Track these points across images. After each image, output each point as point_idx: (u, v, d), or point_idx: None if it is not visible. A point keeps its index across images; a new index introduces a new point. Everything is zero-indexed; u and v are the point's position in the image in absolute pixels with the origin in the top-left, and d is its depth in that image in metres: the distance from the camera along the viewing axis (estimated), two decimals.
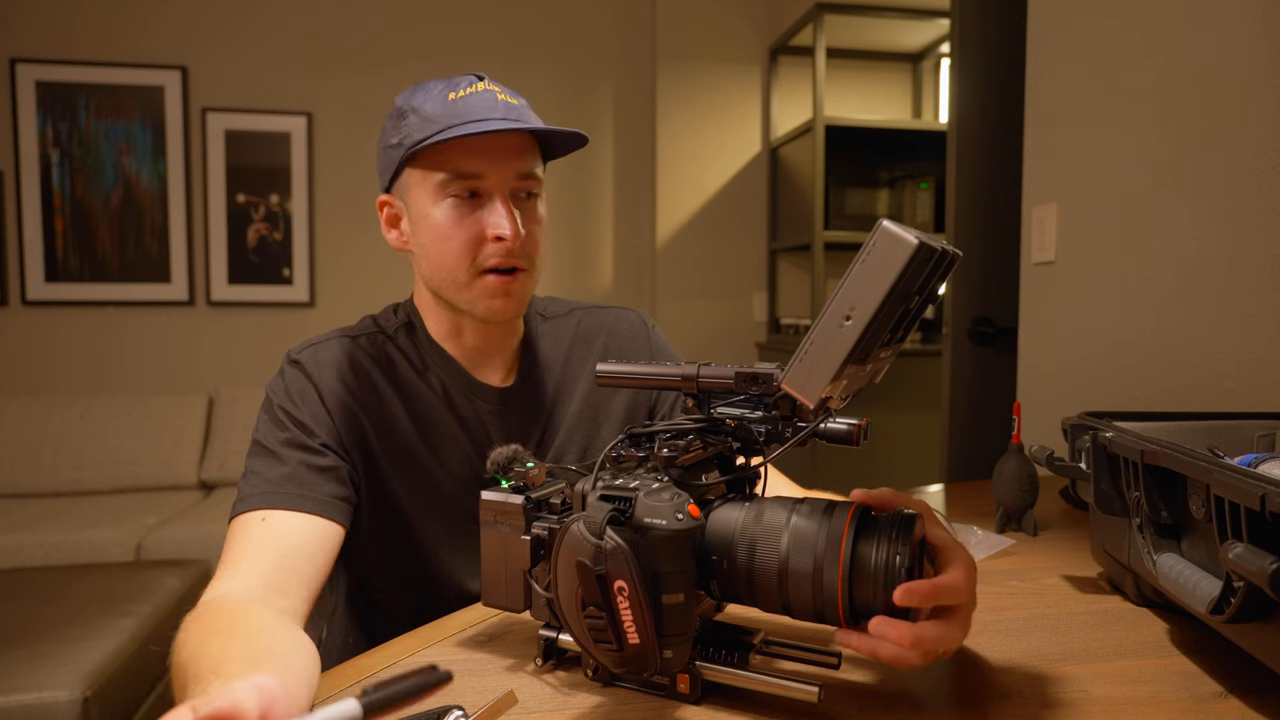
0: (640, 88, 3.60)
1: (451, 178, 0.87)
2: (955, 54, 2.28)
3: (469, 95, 0.88)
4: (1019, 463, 1.07)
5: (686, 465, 0.61)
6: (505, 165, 0.88)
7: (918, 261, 0.52)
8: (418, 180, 0.90)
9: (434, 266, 0.91)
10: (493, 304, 0.90)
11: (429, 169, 0.88)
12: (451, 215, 0.88)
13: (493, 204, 0.88)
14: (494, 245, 0.88)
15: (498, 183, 0.88)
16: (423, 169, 0.89)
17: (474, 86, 0.89)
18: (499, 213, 0.88)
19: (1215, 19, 1.34)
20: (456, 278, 0.90)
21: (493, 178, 0.88)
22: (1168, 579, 0.70)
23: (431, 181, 0.88)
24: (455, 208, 0.88)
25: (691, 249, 3.52)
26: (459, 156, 0.87)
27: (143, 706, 1.88)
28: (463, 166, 0.87)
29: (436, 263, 0.90)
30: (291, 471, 0.84)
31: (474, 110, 0.86)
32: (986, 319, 2.25)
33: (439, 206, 0.88)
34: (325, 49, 3.38)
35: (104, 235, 3.27)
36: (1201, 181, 1.38)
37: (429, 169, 0.88)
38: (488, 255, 0.89)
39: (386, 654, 0.72)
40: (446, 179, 0.87)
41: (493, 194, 0.88)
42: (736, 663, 0.62)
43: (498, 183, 0.88)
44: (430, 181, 0.88)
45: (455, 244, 0.88)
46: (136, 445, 3.11)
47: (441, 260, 0.90)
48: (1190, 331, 1.39)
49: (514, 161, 0.89)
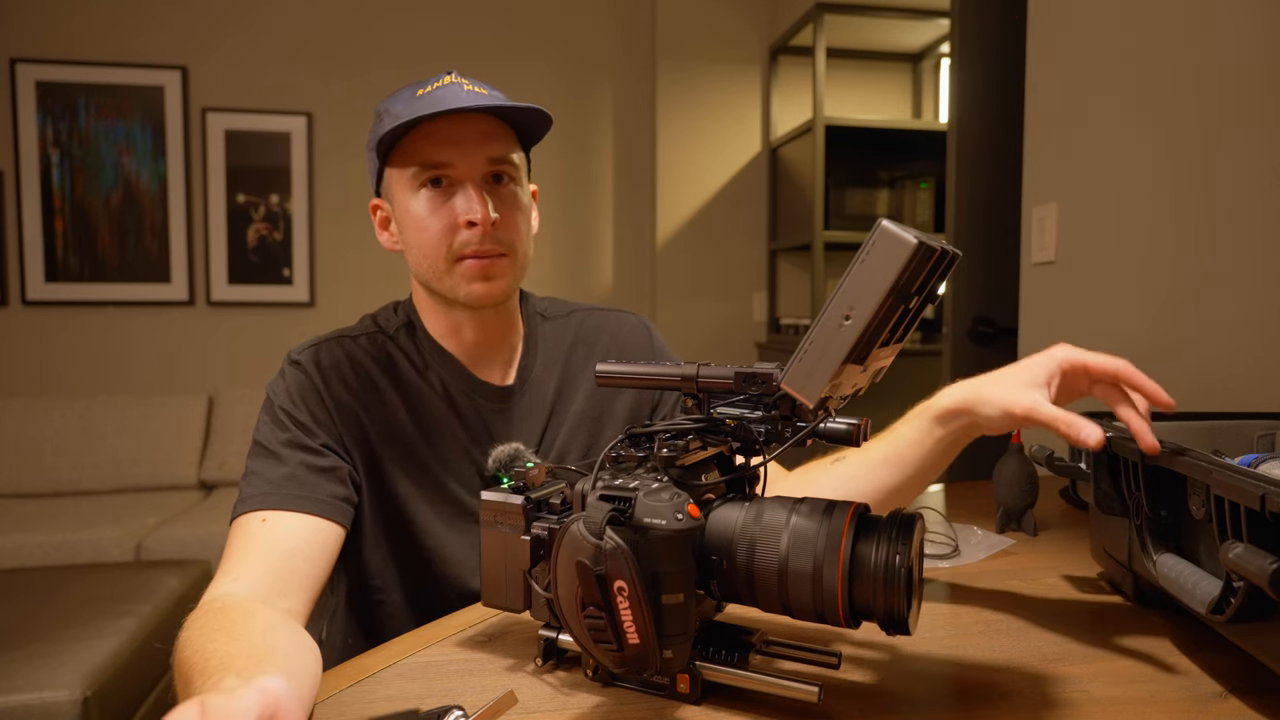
0: (640, 88, 3.60)
1: (421, 169, 0.89)
2: (955, 54, 2.28)
3: (435, 89, 0.90)
4: (1019, 463, 1.07)
5: (686, 465, 0.61)
6: (473, 151, 0.89)
7: (917, 261, 0.52)
8: (395, 178, 0.92)
9: (417, 258, 0.92)
10: (473, 288, 0.91)
11: (403, 165, 0.90)
12: (426, 206, 0.90)
13: (464, 190, 0.90)
14: (467, 231, 0.89)
15: (467, 170, 0.90)
16: (398, 166, 0.91)
17: (441, 81, 0.91)
18: (470, 198, 0.89)
19: (1215, 19, 1.34)
20: (437, 266, 0.91)
21: (461, 165, 0.89)
22: (1168, 579, 0.70)
23: (406, 176, 0.90)
24: (429, 198, 0.90)
25: (691, 249, 3.52)
26: (427, 147, 0.89)
27: (143, 706, 1.88)
28: (431, 156, 0.89)
29: (418, 254, 0.92)
30: (292, 472, 0.84)
31: (440, 101, 0.87)
32: (986, 319, 2.25)
33: (415, 199, 0.90)
34: (325, 49, 3.38)
35: (104, 235, 3.27)
36: (1202, 181, 1.38)
37: (403, 165, 0.90)
38: (463, 242, 0.90)
39: (387, 654, 0.72)
40: (417, 170, 0.89)
41: (463, 181, 0.90)
42: (736, 663, 0.62)
43: (467, 170, 0.90)
44: (405, 176, 0.90)
45: (431, 233, 0.90)
46: (136, 445, 3.11)
47: (421, 250, 0.91)
48: (1190, 331, 1.39)
49: (482, 147, 0.90)
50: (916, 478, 0.83)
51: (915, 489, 0.84)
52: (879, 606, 0.55)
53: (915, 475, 0.83)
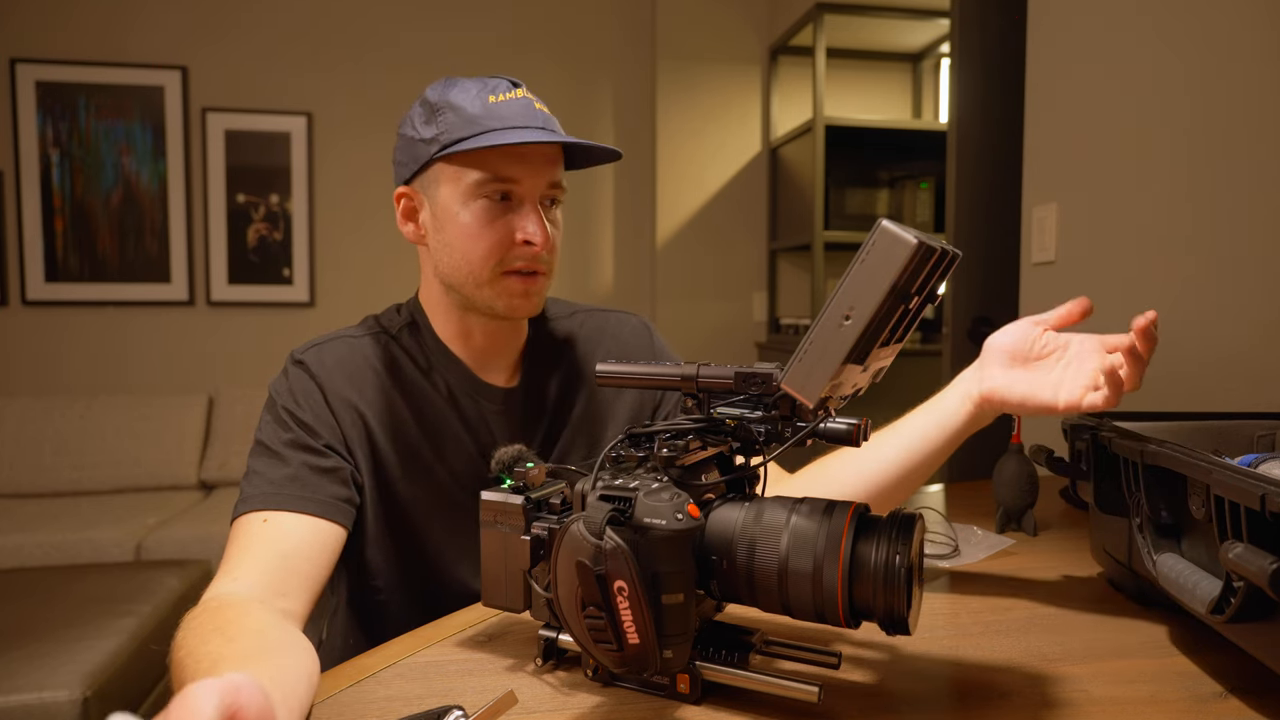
0: (640, 87, 3.60)
1: (488, 179, 0.88)
2: (955, 54, 2.28)
3: (509, 100, 0.89)
4: (1019, 463, 1.07)
5: (686, 465, 0.61)
6: (540, 173, 0.90)
7: (917, 261, 0.52)
8: (450, 177, 0.90)
9: (456, 262, 0.91)
10: (514, 302, 0.92)
11: (464, 167, 0.88)
12: (482, 216, 0.89)
13: (524, 209, 0.90)
14: (522, 249, 0.90)
15: (530, 189, 0.90)
16: (457, 166, 0.89)
17: (513, 92, 0.90)
18: (530, 218, 0.89)
19: (1215, 18, 1.34)
20: (479, 275, 0.90)
21: (527, 183, 0.89)
22: (1168, 579, 0.70)
23: (466, 180, 0.88)
24: (487, 209, 0.89)
25: (691, 249, 3.52)
26: (498, 160, 0.88)
27: (143, 706, 1.88)
28: (501, 170, 0.88)
29: (460, 259, 0.91)
30: (294, 472, 0.84)
31: (515, 116, 0.88)
32: (986, 319, 2.25)
33: (470, 205, 0.89)
34: (325, 49, 3.38)
35: (104, 235, 3.27)
36: (1202, 181, 1.38)
37: (464, 167, 0.88)
38: (514, 258, 0.90)
39: (387, 654, 0.72)
40: (483, 179, 0.88)
41: (524, 199, 0.90)
42: (736, 663, 0.62)
43: (530, 189, 0.90)
44: (464, 179, 0.89)
45: (484, 244, 0.89)
46: (136, 445, 3.11)
47: (466, 257, 0.90)
48: (1190, 331, 1.39)
49: (547, 170, 0.91)
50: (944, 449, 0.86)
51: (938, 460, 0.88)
52: (879, 606, 0.55)
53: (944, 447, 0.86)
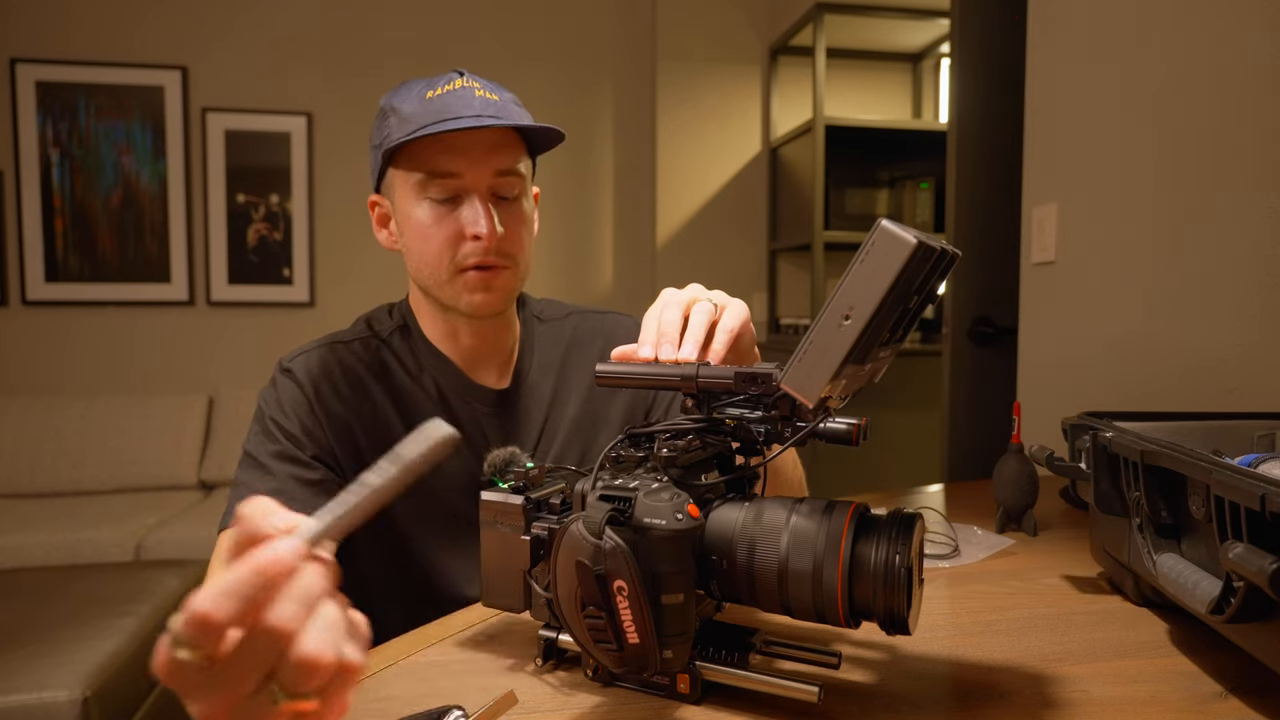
0: (640, 88, 3.60)
1: (429, 177, 0.87)
2: (955, 54, 2.28)
3: (446, 93, 0.87)
4: (1019, 463, 1.07)
5: (686, 465, 0.61)
6: (482, 163, 0.88)
7: (916, 261, 0.52)
8: (400, 180, 0.90)
9: (417, 264, 0.91)
10: (474, 299, 0.90)
11: (409, 169, 0.88)
12: (431, 214, 0.88)
13: (470, 202, 0.88)
14: (472, 244, 0.88)
15: (475, 181, 0.88)
16: (403, 169, 0.89)
17: (453, 84, 0.89)
18: (476, 211, 0.88)
19: (1215, 18, 1.34)
20: (438, 275, 0.90)
21: (469, 176, 0.88)
22: (1168, 579, 0.70)
23: (411, 181, 0.88)
24: (434, 207, 0.88)
25: (691, 249, 3.52)
26: (435, 155, 0.87)
27: (143, 706, 1.88)
28: (439, 165, 0.87)
29: (419, 260, 0.91)
30: (280, 486, 0.84)
31: (450, 108, 0.86)
32: (986, 319, 2.25)
33: (419, 205, 0.89)
34: (325, 49, 3.38)
35: (104, 235, 3.27)
36: (1201, 181, 1.38)
37: (409, 169, 0.88)
38: (466, 254, 0.89)
39: (387, 654, 0.72)
40: (424, 178, 0.88)
41: (470, 192, 0.88)
42: (736, 663, 0.62)
43: (475, 181, 0.88)
44: (410, 181, 0.89)
45: (435, 243, 0.89)
46: (136, 445, 3.11)
47: (423, 258, 0.90)
48: (1190, 331, 1.39)
49: (491, 158, 0.88)
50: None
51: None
52: (879, 606, 0.55)
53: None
